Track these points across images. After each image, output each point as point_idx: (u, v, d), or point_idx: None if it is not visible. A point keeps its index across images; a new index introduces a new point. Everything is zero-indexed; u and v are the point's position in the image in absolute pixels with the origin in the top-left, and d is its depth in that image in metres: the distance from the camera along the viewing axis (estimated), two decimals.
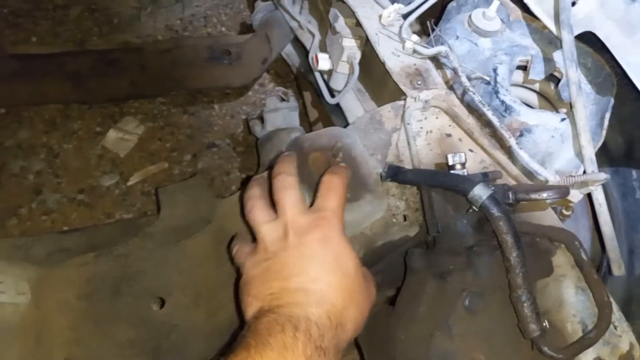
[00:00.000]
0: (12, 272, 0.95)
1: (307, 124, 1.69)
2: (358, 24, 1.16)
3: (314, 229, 0.74)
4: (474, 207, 0.79)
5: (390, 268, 0.97)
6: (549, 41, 1.12)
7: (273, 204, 0.81)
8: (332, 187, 0.80)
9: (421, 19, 1.19)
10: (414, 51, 1.06)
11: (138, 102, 1.79)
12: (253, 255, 0.78)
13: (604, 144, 1.10)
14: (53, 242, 1.06)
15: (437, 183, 0.85)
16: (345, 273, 0.73)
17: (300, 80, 1.73)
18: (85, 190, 1.61)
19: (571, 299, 0.83)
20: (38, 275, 0.97)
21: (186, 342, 0.96)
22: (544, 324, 0.75)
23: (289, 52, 1.75)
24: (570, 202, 1.05)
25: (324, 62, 1.25)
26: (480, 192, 0.77)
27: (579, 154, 0.98)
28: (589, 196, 1.07)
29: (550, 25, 1.03)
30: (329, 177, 0.82)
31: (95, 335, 0.95)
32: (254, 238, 0.82)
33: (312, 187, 0.89)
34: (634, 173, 1.12)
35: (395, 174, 0.90)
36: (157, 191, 1.15)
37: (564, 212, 1.10)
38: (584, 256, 0.82)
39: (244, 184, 1.06)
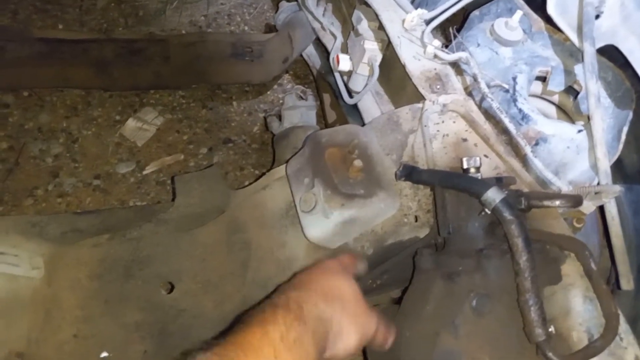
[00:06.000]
0: (27, 247, 0.98)
1: (324, 126, 1.70)
2: (381, 27, 1.18)
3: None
4: (487, 210, 0.80)
5: (397, 268, 0.97)
6: (570, 54, 1.13)
7: None
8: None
9: (443, 26, 1.20)
10: (435, 56, 1.07)
11: (158, 94, 1.82)
12: None
13: (619, 161, 1.10)
14: (68, 222, 1.08)
15: (451, 184, 0.85)
16: (325, 268, 0.79)
17: (320, 81, 1.75)
18: (101, 176, 1.63)
19: (578, 308, 0.83)
20: (52, 252, 0.99)
21: (192, 327, 0.98)
22: (550, 330, 0.75)
23: (310, 53, 1.77)
24: (582, 214, 1.05)
25: (344, 62, 1.26)
26: (493, 195, 0.77)
27: (594, 166, 0.98)
28: (601, 210, 1.07)
29: (573, 37, 1.04)
30: None
31: (104, 315, 0.97)
32: None
33: (326, 182, 0.90)
34: None
35: (409, 173, 0.91)
36: (173, 179, 1.17)
37: (575, 224, 1.10)
38: (593, 266, 0.82)
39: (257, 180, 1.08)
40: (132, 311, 0.98)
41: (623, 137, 1.05)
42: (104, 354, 0.93)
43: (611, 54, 1.06)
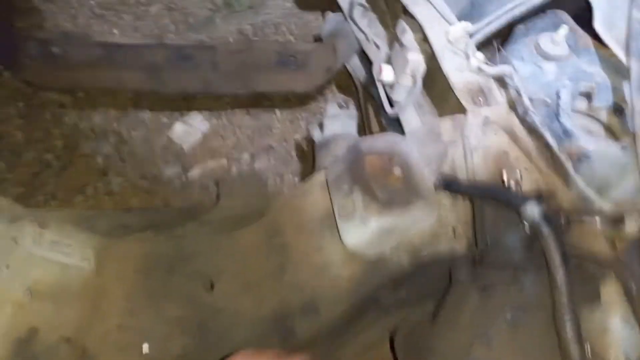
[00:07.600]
0: (79, 238, 1.02)
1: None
2: (424, 39, 1.19)
3: None
4: (525, 224, 0.80)
5: (433, 280, 0.98)
6: (616, 70, 1.11)
7: None
8: None
9: (487, 39, 1.21)
10: (479, 69, 1.08)
11: (205, 99, 1.88)
12: None
13: None
14: (116, 218, 1.14)
15: (490, 196, 0.86)
16: None
17: (363, 93, 1.76)
18: (148, 177, 1.70)
19: (616, 328, 0.82)
20: (101, 245, 1.04)
21: (231, 326, 1.00)
22: (586, 349, 0.75)
23: (355, 65, 1.78)
24: (624, 233, 1.03)
25: (387, 73, 1.28)
26: (532, 209, 0.78)
27: (638, 186, 0.96)
28: None
29: (620, 53, 1.03)
30: None
31: (147, 308, 1.01)
32: None
33: (365, 188, 0.92)
34: None
35: (448, 184, 0.92)
36: (217, 182, 1.21)
37: (617, 243, 1.08)
38: (633, 287, 0.81)
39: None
40: (174, 306, 1.01)
41: None
42: (145, 345, 0.96)
43: None
